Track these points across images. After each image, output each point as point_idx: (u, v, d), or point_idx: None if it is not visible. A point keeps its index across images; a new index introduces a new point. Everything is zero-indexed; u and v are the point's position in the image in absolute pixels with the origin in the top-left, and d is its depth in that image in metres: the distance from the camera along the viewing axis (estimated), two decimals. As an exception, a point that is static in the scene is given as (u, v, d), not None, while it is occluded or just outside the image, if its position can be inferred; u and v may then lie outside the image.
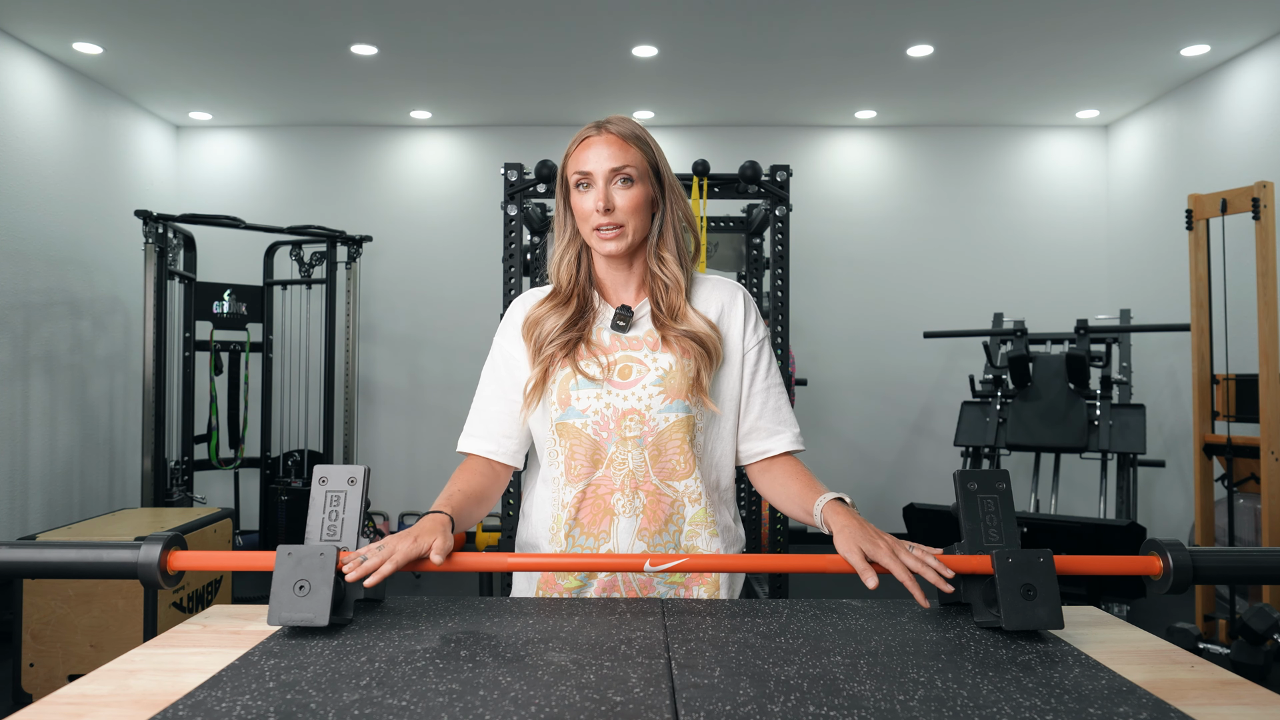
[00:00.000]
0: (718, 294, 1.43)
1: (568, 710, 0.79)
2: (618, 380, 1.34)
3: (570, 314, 1.38)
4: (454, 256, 5.92)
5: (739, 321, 1.41)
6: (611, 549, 1.32)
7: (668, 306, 1.37)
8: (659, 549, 1.33)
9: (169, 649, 1.00)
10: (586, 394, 1.34)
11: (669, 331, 1.35)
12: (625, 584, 1.35)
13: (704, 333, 1.35)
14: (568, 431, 1.35)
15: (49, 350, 4.60)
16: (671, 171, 1.42)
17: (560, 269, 1.42)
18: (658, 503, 1.33)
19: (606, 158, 1.32)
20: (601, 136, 1.34)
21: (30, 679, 2.83)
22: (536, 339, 1.38)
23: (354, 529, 1.10)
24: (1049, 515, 4.09)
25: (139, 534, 2.95)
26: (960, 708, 0.80)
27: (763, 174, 3.47)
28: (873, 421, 5.91)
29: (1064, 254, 5.90)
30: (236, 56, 4.69)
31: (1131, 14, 4.10)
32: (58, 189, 4.71)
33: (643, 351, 1.36)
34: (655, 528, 1.33)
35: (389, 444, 5.93)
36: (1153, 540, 1.09)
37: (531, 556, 1.18)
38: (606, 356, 1.36)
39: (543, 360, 1.36)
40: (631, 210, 1.34)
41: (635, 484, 1.33)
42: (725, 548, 1.38)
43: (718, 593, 1.36)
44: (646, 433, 1.33)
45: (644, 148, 1.36)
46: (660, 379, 1.33)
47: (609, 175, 1.32)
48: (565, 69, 4.90)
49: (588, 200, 1.34)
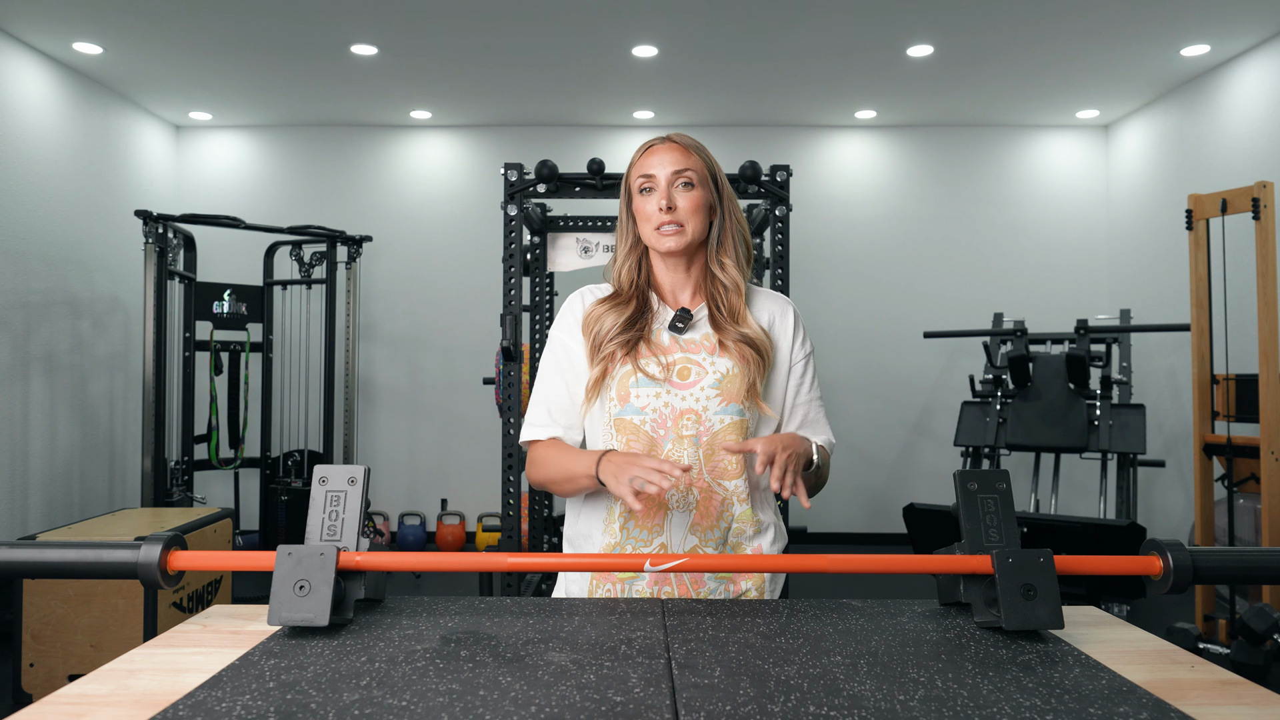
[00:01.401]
0: (770, 305, 1.50)
1: (568, 710, 0.79)
2: (677, 380, 1.40)
3: (629, 314, 1.43)
4: (454, 256, 5.92)
5: (789, 334, 1.48)
6: (664, 543, 1.38)
7: (729, 309, 1.44)
8: (710, 544, 1.38)
9: (169, 649, 1.00)
10: (646, 392, 1.39)
11: (726, 335, 1.42)
12: (677, 579, 1.39)
13: (759, 338, 1.42)
14: (625, 427, 1.39)
15: (49, 350, 4.60)
16: (729, 184, 1.50)
17: (622, 273, 1.48)
18: (710, 500, 1.39)
19: (670, 162, 1.41)
20: (665, 145, 1.43)
21: (30, 679, 2.83)
22: (596, 335, 1.43)
23: (354, 529, 1.10)
24: (1049, 515, 4.09)
25: (139, 534, 2.95)
26: (960, 708, 0.80)
27: (763, 174, 3.47)
28: (873, 421, 5.91)
29: (1064, 254, 5.90)
30: (236, 56, 4.69)
31: (1131, 14, 4.10)
32: (58, 189, 4.71)
33: (701, 354, 1.42)
34: (707, 523, 1.38)
35: (389, 444, 5.93)
36: (1153, 540, 1.09)
37: (531, 556, 1.19)
38: (666, 357, 1.41)
39: (603, 357, 1.42)
40: (692, 211, 1.41)
41: (689, 481, 1.38)
42: (770, 544, 1.45)
43: (764, 588, 1.42)
44: (702, 433, 1.38)
45: (704, 156, 1.45)
46: (718, 382, 1.39)
47: (671, 178, 1.41)
48: (565, 69, 4.90)
49: (651, 202, 1.41)
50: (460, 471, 5.83)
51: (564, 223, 3.89)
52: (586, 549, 1.45)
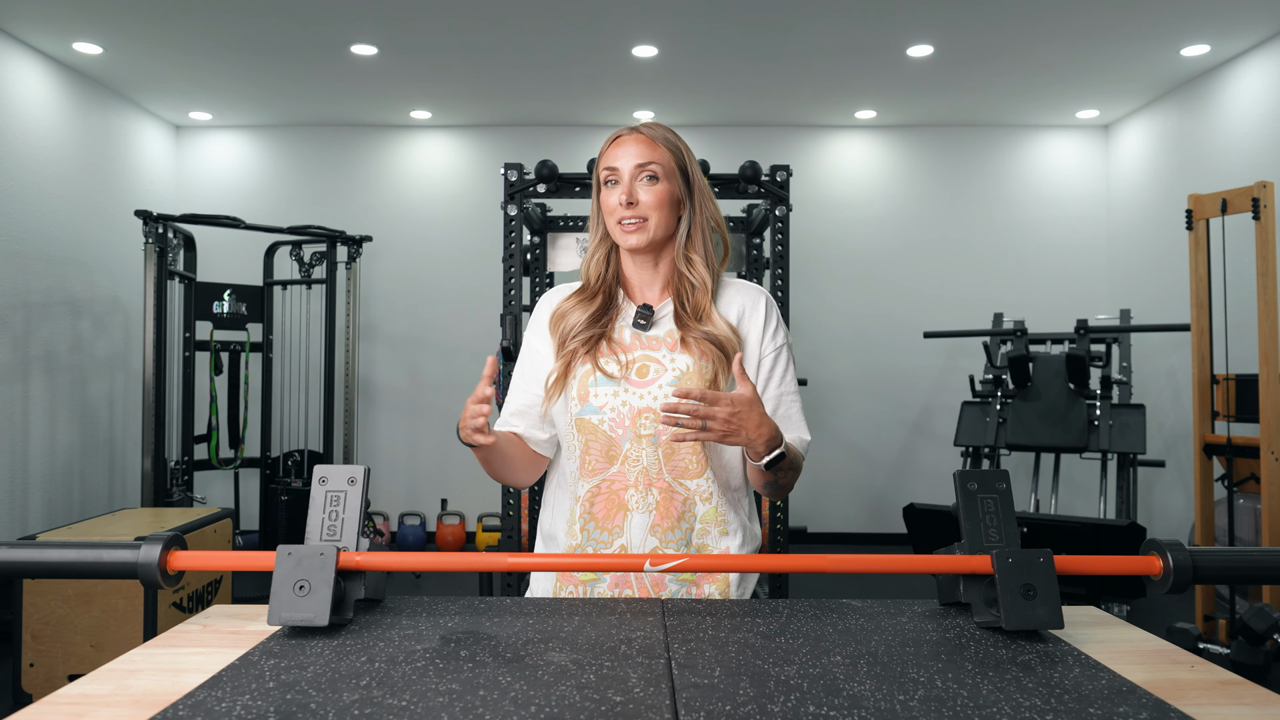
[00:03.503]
0: (740, 297, 1.45)
1: (568, 710, 0.79)
2: (635, 379, 1.37)
3: (595, 309, 1.41)
4: (454, 256, 5.92)
5: (758, 325, 1.43)
6: (624, 544, 1.35)
7: (693, 307, 1.40)
8: (670, 545, 1.35)
9: (169, 649, 1.00)
10: (604, 391, 1.37)
11: (690, 332, 1.38)
12: (638, 580, 1.37)
13: (724, 336, 1.37)
14: (585, 427, 1.37)
15: (49, 350, 4.60)
16: (703, 176, 1.45)
17: (590, 266, 1.46)
18: (670, 500, 1.36)
19: (634, 155, 1.37)
20: (632, 136, 1.39)
21: (30, 679, 2.83)
22: (562, 332, 1.42)
23: (354, 529, 1.10)
24: (1049, 515, 4.09)
25: (139, 534, 2.95)
26: (960, 708, 0.80)
27: (763, 174, 3.47)
28: (873, 421, 5.91)
29: (1064, 254, 5.90)
30: (236, 56, 4.69)
31: (1131, 14, 4.10)
32: (58, 189, 4.71)
33: (661, 351, 1.39)
34: (668, 524, 1.35)
35: (389, 444, 5.93)
36: (1153, 540, 1.09)
37: (531, 556, 1.19)
38: (626, 355, 1.39)
39: (565, 355, 1.40)
40: (654, 205, 1.37)
41: (649, 481, 1.35)
42: (739, 546, 1.40)
43: (728, 591, 1.38)
44: (661, 431, 1.35)
45: (673, 149, 1.40)
46: (677, 379, 1.36)
47: (635, 171, 1.37)
48: (565, 69, 4.90)
49: (614, 195, 1.38)
50: (460, 471, 5.82)
51: (564, 223, 3.90)
52: (552, 549, 1.45)
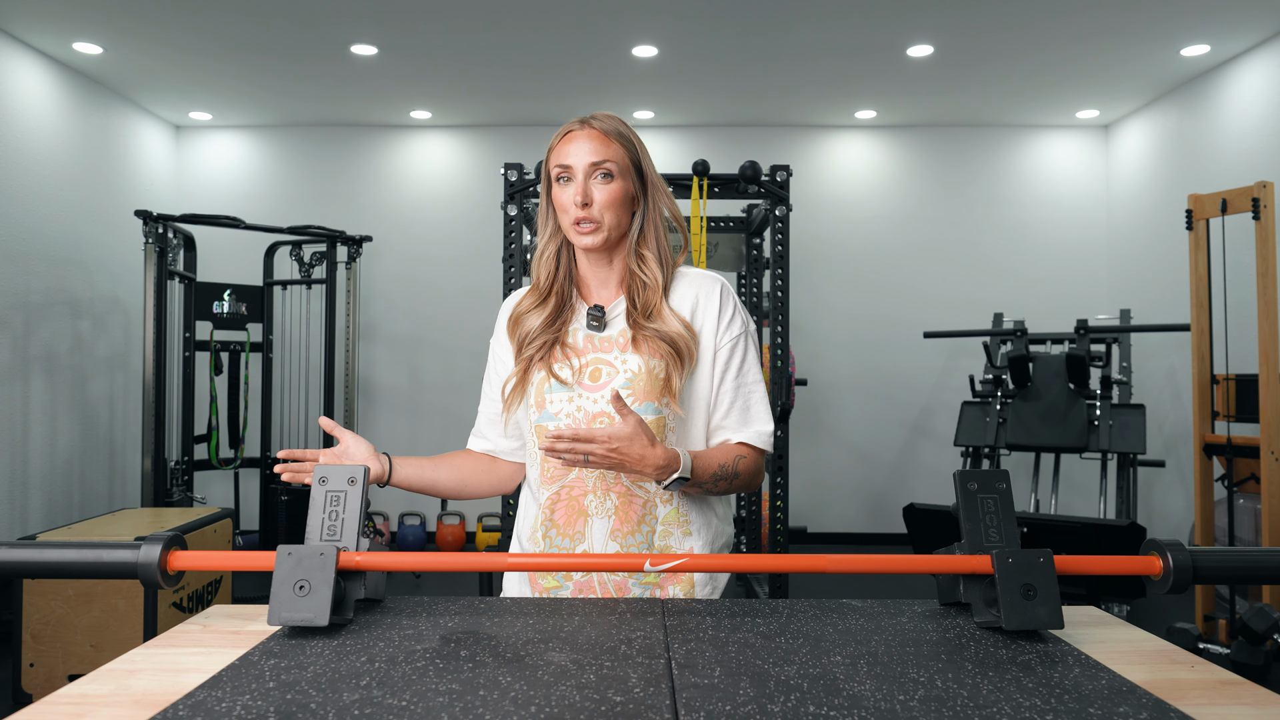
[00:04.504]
0: (694, 288, 1.40)
1: (568, 710, 0.79)
2: (588, 383, 1.35)
3: (549, 313, 1.39)
4: (454, 256, 5.92)
5: (712, 317, 1.38)
6: (586, 550, 1.34)
7: (643, 304, 1.36)
8: (632, 549, 1.34)
9: (169, 649, 1.00)
10: (559, 397, 1.35)
11: (641, 331, 1.34)
12: (600, 584, 1.35)
13: (676, 333, 1.33)
14: (543, 433, 1.35)
15: (49, 350, 4.60)
16: (655, 170, 1.41)
17: (540, 264, 1.42)
18: (629, 504, 1.34)
19: (587, 152, 1.32)
20: (584, 131, 1.34)
21: (30, 679, 2.83)
22: (519, 338, 1.40)
23: (354, 529, 1.10)
24: (1049, 515, 4.09)
25: (139, 534, 2.95)
26: (960, 708, 0.80)
27: (763, 174, 3.47)
28: (873, 421, 5.91)
29: (1064, 254, 5.90)
30: (236, 56, 4.69)
31: (1131, 14, 4.10)
32: (58, 189, 4.71)
33: (613, 353, 1.36)
34: (628, 528, 1.34)
35: (389, 444, 5.93)
36: (1153, 540, 1.08)
37: (530, 557, 1.19)
38: (579, 359, 1.37)
39: (521, 362, 1.39)
40: (609, 205, 1.33)
41: (607, 486, 1.34)
42: (704, 546, 1.38)
43: (692, 591, 1.36)
44: None
45: (626, 144, 1.36)
46: (629, 381, 1.33)
47: (589, 170, 1.32)
48: (565, 69, 4.90)
49: (567, 194, 1.33)
50: (460, 471, 5.82)
51: (564, 223, 3.89)
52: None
